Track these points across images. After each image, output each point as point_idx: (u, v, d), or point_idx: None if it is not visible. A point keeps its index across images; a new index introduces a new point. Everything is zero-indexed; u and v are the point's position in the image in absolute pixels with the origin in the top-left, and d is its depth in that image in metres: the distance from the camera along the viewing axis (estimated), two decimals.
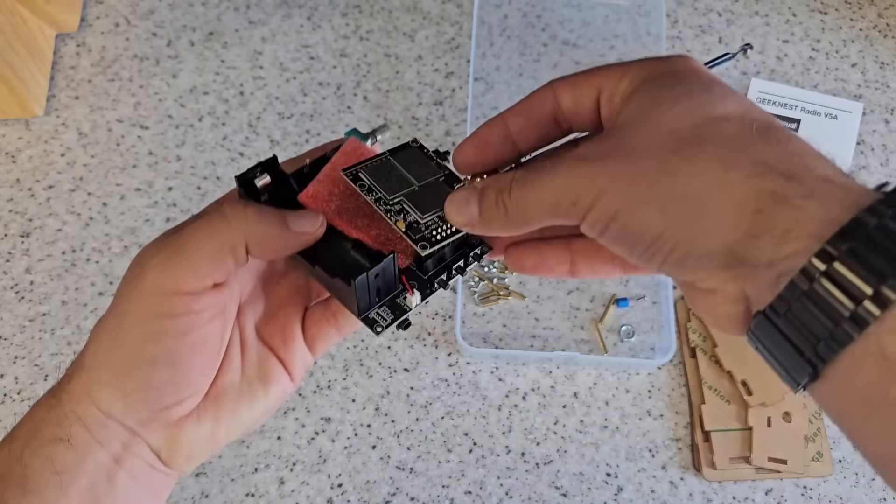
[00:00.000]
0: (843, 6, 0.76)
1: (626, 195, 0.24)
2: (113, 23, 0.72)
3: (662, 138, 0.24)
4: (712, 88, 0.25)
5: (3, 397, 0.59)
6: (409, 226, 0.30)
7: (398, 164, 0.33)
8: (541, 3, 0.74)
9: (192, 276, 0.28)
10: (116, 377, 0.29)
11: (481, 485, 0.57)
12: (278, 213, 0.30)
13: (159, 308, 0.28)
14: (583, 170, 0.25)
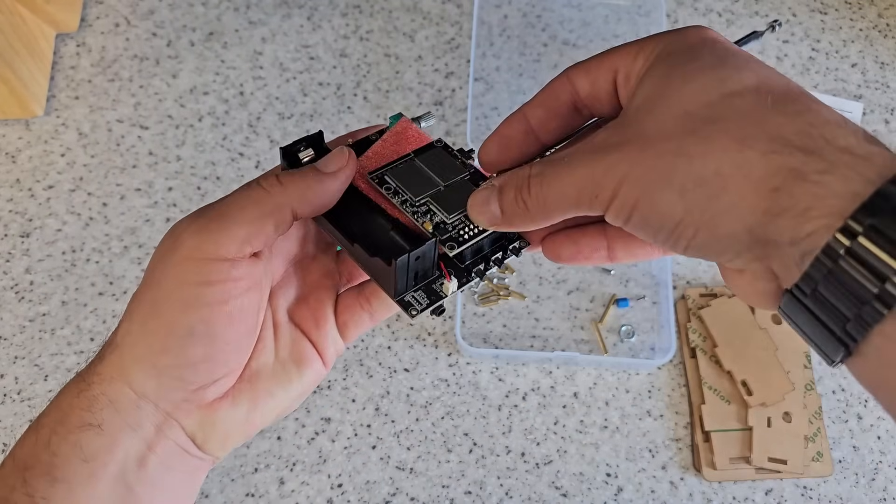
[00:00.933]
0: (843, 6, 0.76)
1: (645, 182, 0.23)
2: (113, 23, 0.72)
3: (677, 120, 0.23)
4: (726, 60, 0.24)
5: (3, 397, 0.59)
6: (436, 226, 0.30)
7: (423, 164, 0.33)
8: (541, 4, 0.74)
9: (231, 241, 0.28)
10: (151, 351, 0.28)
11: (481, 485, 0.57)
12: (310, 167, 0.30)
13: (197, 274, 0.27)
14: (602, 160, 0.24)
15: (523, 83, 0.71)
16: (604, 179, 0.24)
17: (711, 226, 0.23)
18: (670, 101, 0.24)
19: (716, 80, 0.23)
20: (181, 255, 0.27)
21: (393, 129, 0.34)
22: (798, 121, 0.22)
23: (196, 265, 0.27)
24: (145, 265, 0.64)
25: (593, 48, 0.72)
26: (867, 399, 0.61)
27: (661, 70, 0.25)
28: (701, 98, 0.23)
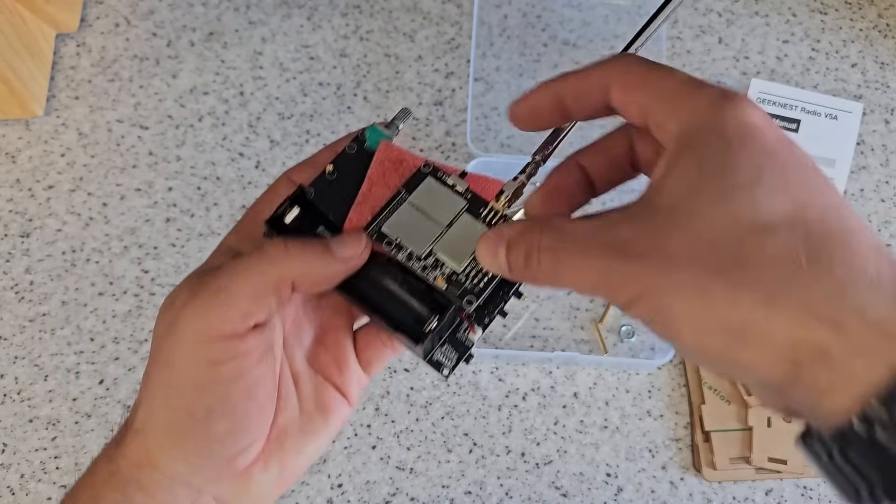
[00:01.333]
0: (843, 6, 0.76)
1: (664, 307, 0.23)
2: (113, 23, 0.72)
3: (704, 249, 0.22)
4: (762, 174, 0.22)
5: (3, 397, 0.59)
6: (448, 280, 0.29)
7: (418, 204, 0.31)
8: (541, 4, 0.74)
9: (235, 317, 0.27)
10: (175, 438, 0.28)
11: (481, 485, 0.57)
12: (321, 242, 0.28)
13: (207, 355, 0.27)
14: (620, 266, 0.23)
15: (523, 83, 0.71)
16: (621, 288, 0.23)
17: (728, 367, 0.23)
18: (699, 221, 0.22)
19: (749, 207, 0.22)
20: (188, 337, 0.27)
21: (376, 158, 0.32)
22: (831, 280, 0.20)
23: (204, 346, 0.27)
24: (145, 265, 0.65)
25: (593, 48, 0.72)
26: None
27: (693, 166, 0.23)
28: (732, 228, 0.22)
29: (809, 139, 0.66)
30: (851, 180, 0.69)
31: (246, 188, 0.66)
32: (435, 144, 0.68)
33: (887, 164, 0.70)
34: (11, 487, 0.56)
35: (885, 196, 0.69)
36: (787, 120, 0.67)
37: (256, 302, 0.27)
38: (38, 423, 0.58)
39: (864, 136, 0.71)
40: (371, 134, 0.32)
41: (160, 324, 0.28)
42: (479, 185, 0.32)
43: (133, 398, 0.59)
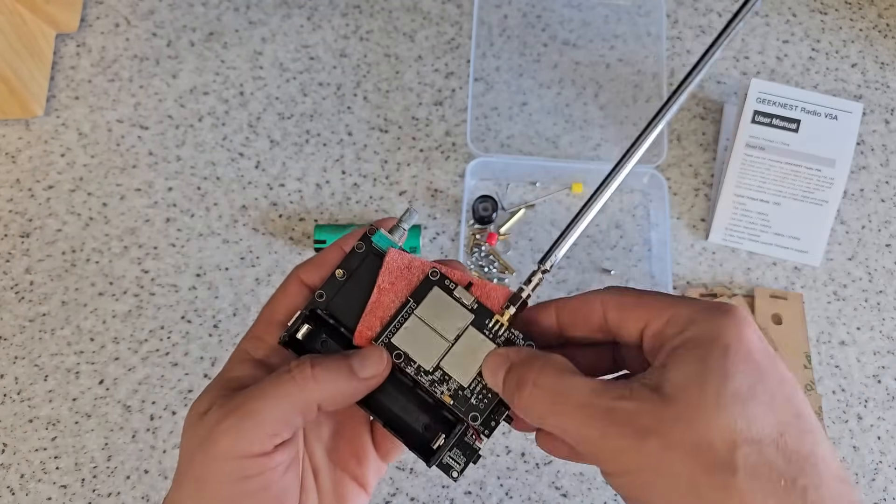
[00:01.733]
0: (843, 6, 0.76)
1: (649, 489, 0.25)
2: (113, 23, 0.72)
3: (697, 449, 0.24)
4: (756, 391, 0.25)
5: (3, 397, 0.59)
6: (454, 396, 0.31)
7: (426, 316, 0.32)
8: (540, 4, 0.74)
9: (264, 438, 0.29)
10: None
11: (481, 485, 0.57)
12: (344, 363, 0.30)
13: (238, 472, 0.28)
14: (618, 437, 0.25)
15: (523, 83, 0.71)
16: (613, 456, 0.26)
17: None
18: (701, 421, 0.25)
19: (744, 420, 0.24)
20: (218, 454, 0.28)
21: (385, 266, 0.32)
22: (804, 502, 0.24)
23: (235, 464, 0.28)
24: (145, 265, 0.65)
25: (593, 48, 0.72)
26: (867, 399, 0.61)
27: (697, 366, 0.26)
28: (723, 435, 0.24)
29: (809, 139, 0.66)
30: (851, 180, 0.69)
31: (246, 188, 0.66)
32: (435, 144, 0.68)
33: (887, 163, 0.70)
34: (11, 487, 0.56)
35: (884, 196, 0.69)
36: (787, 120, 0.67)
37: (285, 424, 0.29)
38: (37, 423, 0.58)
39: (864, 136, 0.71)
40: (378, 239, 0.33)
41: (190, 437, 0.29)
42: (484, 293, 0.32)
43: (132, 398, 0.59)
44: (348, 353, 0.31)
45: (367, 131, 0.68)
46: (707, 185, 0.68)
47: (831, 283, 0.65)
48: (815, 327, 0.63)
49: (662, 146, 0.65)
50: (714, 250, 0.66)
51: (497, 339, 0.31)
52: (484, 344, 0.31)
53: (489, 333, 0.32)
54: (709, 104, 0.71)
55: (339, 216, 0.65)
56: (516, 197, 0.67)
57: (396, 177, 0.67)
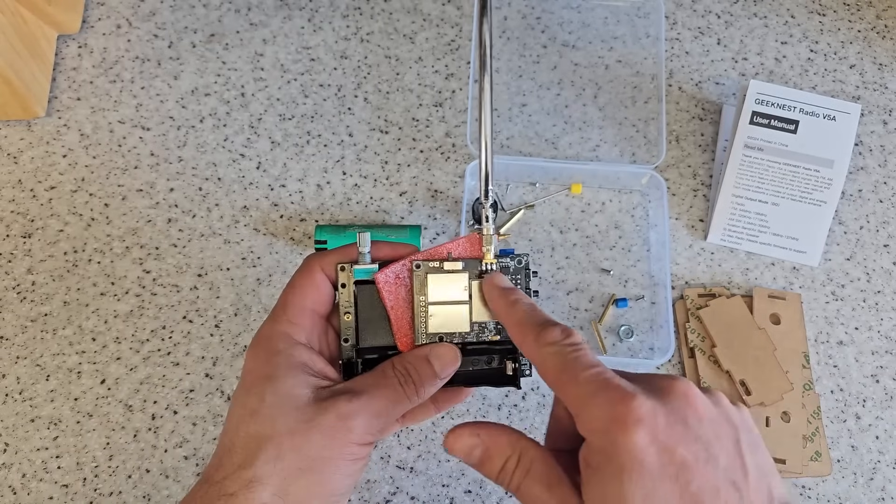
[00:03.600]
0: (841, 8, 0.76)
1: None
2: (114, 24, 0.72)
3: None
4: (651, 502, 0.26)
5: (5, 397, 0.59)
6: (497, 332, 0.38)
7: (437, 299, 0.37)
8: (540, 5, 0.74)
9: (382, 431, 0.35)
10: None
11: (481, 484, 0.58)
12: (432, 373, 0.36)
13: (358, 454, 0.33)
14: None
15: (523, 84, 0.71)
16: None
17: None
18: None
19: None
20: (352, 439, 0.33)
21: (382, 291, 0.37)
22: None
23: (359, 449, 0.33)
24: (147, 266, 0.65)
25: (592, 50, 0.73)
26: (865, 399, 0.62)
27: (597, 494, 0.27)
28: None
29: (808, 140, 0.67)
30: (849, 181, 0.69)
31: (247, 189, 0.66)
32: (435, 145, 0.68)
33: (885, 164, 0.70)
34: (13, 487, 0.56)
35: (883, 196, 0.69)
36: (786, 121, 0.67)
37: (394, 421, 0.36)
38: (39, 423, 0.58)
39: (863, 136, 0.71)
40: (359, 275, 0.37)
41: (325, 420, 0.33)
42: (462, 250, 0.38)
43: (133, 398, 0.59)
44: (429, 356, 0.36)
45: (368, 132, 0.69)
46: (706, 186, 0.68)
47: (829, 284, 0.66)
48: (814, 327, 0.64)
49: (661, 147, 0.65)
50: (713, 250, 0.66)
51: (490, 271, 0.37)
52: None
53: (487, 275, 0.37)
54: (707, 105, 0.71)
55: (340, 217, 0.65)
56: (516, 197, 0.67)
57: (397, 177, 0.67)
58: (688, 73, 0.73)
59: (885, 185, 0.69)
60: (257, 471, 0.32)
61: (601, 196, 0.67)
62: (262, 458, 0.32)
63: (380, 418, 0.34)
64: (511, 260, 0.38)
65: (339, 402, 0.33)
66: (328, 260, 0.37)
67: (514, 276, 0.38)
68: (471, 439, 0.33)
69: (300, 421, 0.33)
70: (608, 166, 0.66)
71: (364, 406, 0.33)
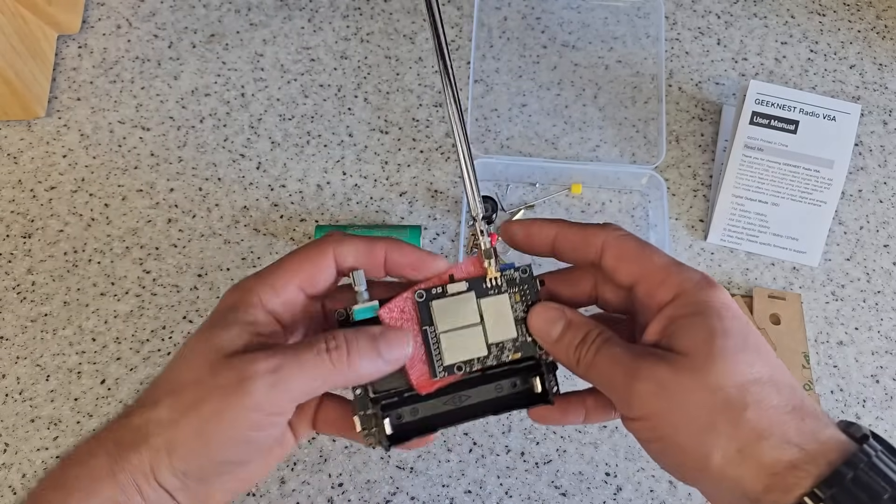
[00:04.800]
0: (841, 8, 0.76)
1: (676, 431, 0.31)
2: (114, 24, 0.72)
3: (712, 393, 0.30)
4: (748, 343, 0.31)
5: (5, 398, 0.59)
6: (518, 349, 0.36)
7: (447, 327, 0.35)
8: (540, 5, 0.75)
9: (289, 403, 0.31)
10: (189, 473, 0.31)
11: (481, 484, 0.58)
12: (374, 349, 0.33)
13: (254, 424, 0.31)
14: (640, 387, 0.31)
15: (523, 84, 0.71)
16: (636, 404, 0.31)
17: (718, 488, 0.30)
18: (711, 372, 0.30)
19: (745, 365, 0.31)
20: (243, 405, 0.30)
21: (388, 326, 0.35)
22: (798, 421, 0.30)
23: (254, 416, 0.30)
24: (147, 265, 0.65)
25: (592, 50, 0.73)
26: (865, 399, 0.62)
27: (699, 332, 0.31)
28: (734, 378, 0.30)
29: (808, 140, 0.67)
30: (849, 181, 0.69)
31: (247, 189, 0.66)
32: (435, 146, 0.68)
33: (885, 164, 0.70)
34: (13, 487, 0.56)
35: (882, 197, 0.69)
36: (786, 121, 0.67)
37: (310, 395, 0.32)
38: (39, 423, 0.58)
39: (862, 137, 0.71)
40: (360, 314, 0.35)
41: (209, 372, 0.31)
42: (465, 271, 0.36)
43: (134, 399, 0.59)
44: (377, 335, 0.33)
45: (368, 132, 0.69)
46: (706, 186, 0.68)
47: (829, 284, 0.66)
48: (814, 327, 0.64)
49: (661, 147, 0.65)
50: (713, 251, 0.66)
51: (501, 290, 0.36)
52: (498, 300, 0.35)
53: (494, 291, 0.36)
54: (707, 105, 0.71)
55: (340, 217, 0.66)
56: (516, 198, 0.67)
57: (397, 178, 0.67)
58: (688, 73, 0.73)
59: (885, 186, 0.69)
60: (157, 414, 0.31)
61: (601, 196, 0.67)
62: (163, 404, 0.31)
63: (290, 386, 0.30)
64: (515, 272, 0.36)
65: (244, 360, 0.30)
66: (345, 248, 0.35)
67: (522, 287, 0.36)
68: (555, 312, 0.35)
69: (207, 374, 0.31)
70: (608, 166, 0.66)
71: (272, 369, 0.30)
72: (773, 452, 0.29)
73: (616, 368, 0.32)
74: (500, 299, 0.35)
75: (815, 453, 0.29)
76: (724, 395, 0.30)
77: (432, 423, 0.36)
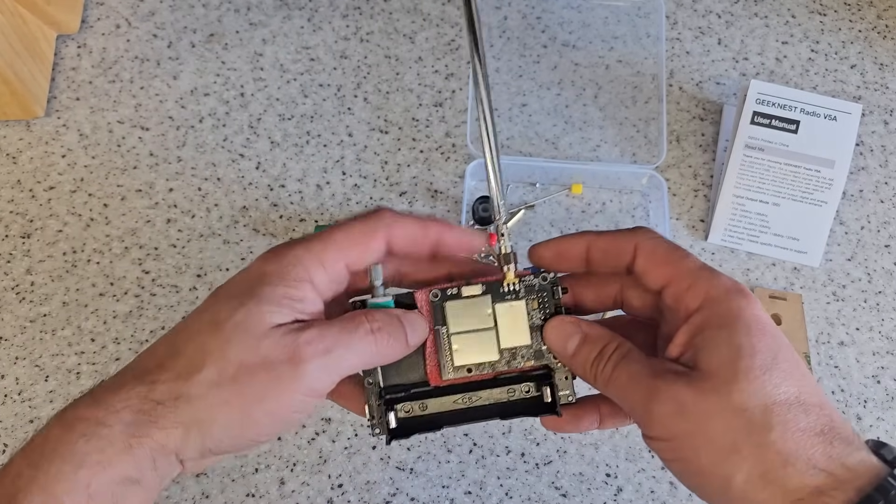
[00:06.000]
0: (842, 7, 0.76)
1: (698, 454, 0.29)
2: (114, 24, 0.72)
3: (735, 415, 0.29)
4: (777, 361, 0.30)
5: (4, 398, 0.59)
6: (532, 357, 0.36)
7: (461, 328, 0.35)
8: (540, 5, 0.74)
9: (334, 383, 0.31)
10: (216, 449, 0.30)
11: (481, 485, 0.57)
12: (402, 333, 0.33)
13: (302, 406, 0.30)
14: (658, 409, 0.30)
15: (523, 84, 0.71)
16: (655, 425, 0.30)
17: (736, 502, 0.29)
18: (735, 391, 0.29)
19: (771, 386, 0.29)
20: (298, 388, 0.30)
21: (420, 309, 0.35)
22: (826, 445, 0.29)
23: (304, 399, 0.30)
24: (146, 266, 0.65)
25: (593, 49, 0.72)
26: (867, 399, 0.62)
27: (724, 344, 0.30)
28: (758, 399, 0.29)
29: (808, 140, 0.67)
30: (850, 181, 0.69)
31: (247, 189, 0.66)
32: (435, 145, 0.68)
33: (886, 164, 0.70)
34: None
35: (884, 197, 0.69)
36: (787, 121, 0.67)
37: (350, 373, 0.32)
38: (38, 424, 0.58)
39: (864, 137, 0.71)
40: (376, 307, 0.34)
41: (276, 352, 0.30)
42: (481, 273, 0.36)
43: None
44: (401, 317, 0.33)
45: (368, 132, 0.69)
46: (706, 186, 0.68)
47: (830, 284, 0.65)
48: (815, 328, 0.64)
49: (662, 147, 0.65)
50: (713, 251, 0.66)
51: (518, 296, 0.35)
52: (514, 306, 0.35)
53: (511, 297, 0.35)
54: (708, 105, 0.71)
55: (340, 217, 0.65)
56: (516, 198, 0.67)
57: (397, 178, 0.67)
58: (688, 73, 0.72)
59: (886, 186, 0.69)
60: (191, 388, 0.29)
61: (601, 196, 0.67)
62: (199, 378, 0.29)
63: (340, 367, 0.30)
64: (536, 277, 0.35)
65: (296, 339, 0.29)
66: (398, 230, 0.33)
67: (541, 294, 0.35)
68: (571, 327, 0.34)
69: (254, 352, 0.29)
70: (608, 166, 0.66)
71: (323, 352, 0.30)
72: (798, 478, 0.28)
73: (635, 387, 0.31)
74: (516, 305, 0.35)
75: (843, 479, 0.28)
76: (747, 418, 0.29)
77: (438, 421, 0.35)
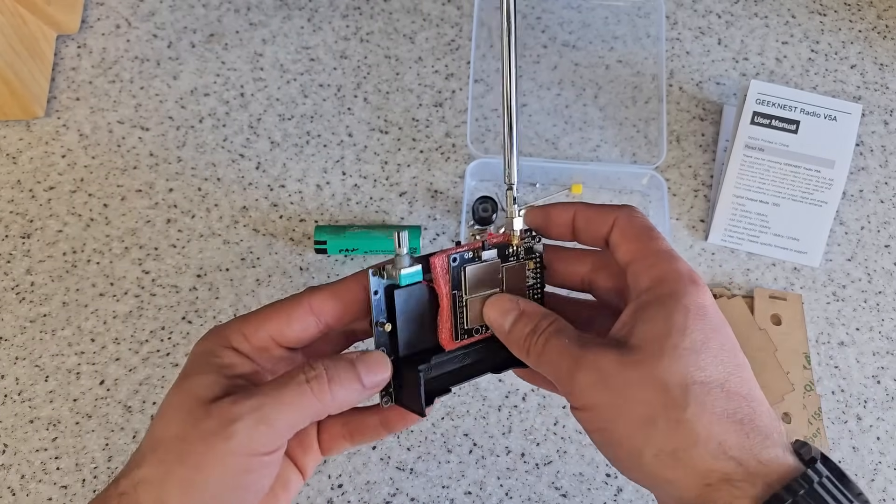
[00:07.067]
0: (842, 8, 0.76)
1: (615, 424, 0.30)
2: (114, 24, 0.72)
3: (655, 389, 0.29)
4: (708, 345, 0.30)
5: (4, 398, 0.59)
6: None
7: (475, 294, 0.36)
8: (540, 5, 0.74)
9: (275, 440, 0.30)
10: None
11: (481, 485, 0.57)
12: (354, 375, 0.32)
13: (242, 467, 0.30)
14: (582, 378, 0.31)
15: (523, 84, 0.71)
16: (578, 395, 0.31)
17: (653, 485, 0.30)
18: (659, 367, 0.30)
19: (696, 367, 0.30)
20: (228, 450, 0.29)
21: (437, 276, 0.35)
22: (741, 435, 0.29)
23: (242, 460, 0.30)
24: (146, 266, 0.65)
25: (593, 50, 0.72)
26: (867, 400, 0.62)
27: (660, 322, 0.31)
28: (680, 377, 0.29)
29: (808, 140, 0.67)
30: (850, 181, 0.69)
31: (247, 189, 0.66)
32: (435, 146, 0.68)
33: (886, 165, 0.70)
34: (12, 488, 0.56)
35: (884, 197, 0.69)
36: (787, 121, 0.67)
37: (295, 429, 0.31)
38: (38, 424, 0.58)
39: (864, 137, 0.71)
40: (405, 278, 0.34)
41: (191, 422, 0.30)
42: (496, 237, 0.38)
43: (133, 399, 0.59)
44: (354, 360, 0.32)
45: (368, 132, 0.69)
46: (706, 186, 0.68)
47: (830, 284, 0.65)
48: (815, 328, 0.64)
49: (661, 147, 0.65)
50: (713, 251, 0.66)
51: (520, 258, 0.37)
52: (516, 267, 0.37)
53: (513, 259, 0.37)
54: (708, 105, 0.71)
55: (340, 217, 0.65)
56: None
57: (396, 178, 0.67)
58: (688, 73, 0.72)
59: (886, 186, 0.69)
60: (142, 475, 0.30)
61: (602, 196, 0.67)
62: (150, 460, 0.30)
63: (274, 423, 0.30)
64: (532, 239, 0.38)
65: (223, 404, 0.30)
66: (320, 296, 0.34)
67: (534, 256, 0.38)
68: (509, 303, 0.35)
69: (188, 424, 0.30)
70: (608, 167, 0.66)
71: (252, 409, 0.30)
72: (709, 461, 0.28)
73: (562, 358, 0.32)
74: (517, 266, 0.37)
75: (753, 471, 0.28)
76: (666, 392, 0.29)
77: (446, 383, 0.36)
